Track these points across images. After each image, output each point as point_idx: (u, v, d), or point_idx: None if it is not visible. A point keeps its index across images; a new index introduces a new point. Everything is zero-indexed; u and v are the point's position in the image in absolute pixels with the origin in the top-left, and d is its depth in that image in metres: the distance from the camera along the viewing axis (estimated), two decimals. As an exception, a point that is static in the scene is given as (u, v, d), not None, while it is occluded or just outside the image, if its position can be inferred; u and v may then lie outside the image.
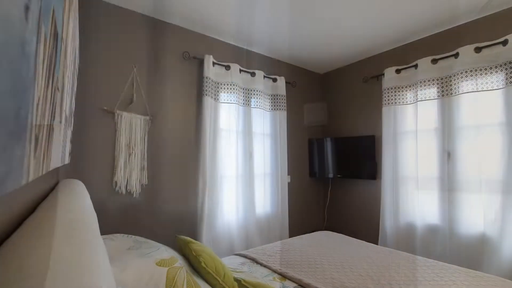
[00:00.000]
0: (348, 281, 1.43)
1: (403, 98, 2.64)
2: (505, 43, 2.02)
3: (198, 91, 2.45)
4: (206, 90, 2.37)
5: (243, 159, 2.65)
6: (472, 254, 2.15)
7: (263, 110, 2.86)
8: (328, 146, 3.23)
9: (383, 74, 2.76)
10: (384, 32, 2.49)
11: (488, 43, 2.10)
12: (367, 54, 2.98)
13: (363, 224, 3.02)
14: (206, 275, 1.15)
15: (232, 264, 1.67)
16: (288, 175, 3.11)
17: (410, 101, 2.59)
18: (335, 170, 3.15)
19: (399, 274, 1.51)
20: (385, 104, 2.72)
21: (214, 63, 2.45)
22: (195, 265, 1.19)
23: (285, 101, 3.00)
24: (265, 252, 1.86)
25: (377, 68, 2.91)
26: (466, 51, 2.19)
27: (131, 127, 2.07)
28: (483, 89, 2.13)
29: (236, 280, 0.94)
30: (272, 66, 3.07)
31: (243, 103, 2.70)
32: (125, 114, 2.06)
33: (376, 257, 1.78)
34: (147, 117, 2.16)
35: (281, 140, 2.96)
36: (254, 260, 1.75)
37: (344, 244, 2.05)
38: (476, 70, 2.16)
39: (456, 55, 2.25)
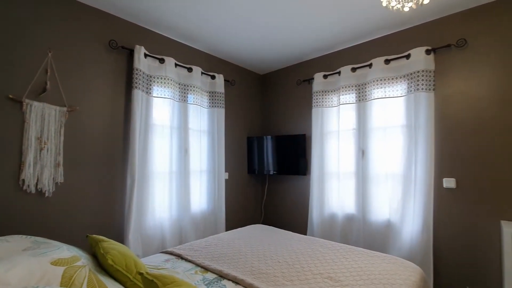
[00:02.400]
0: (266, 268, 1.53)
1: (329, 101, 2.91)
2: (408, 56, 2.38)
3: (127, 83, 2.32)
4: (137, 83, 2.25)
5: (178, 155, 2.60)
6: (381, 238, 2.49)
7: (200, 106, 2.85)
8: (267, 144, 3.37)
9: (313, 79, 3.00)
10: (313, 41, 2.70)
11: (395, 56, 2.46)
12: (300, 59, 3.20)
13: (295, 216, 3.23)
14: (115, 272, 1.10)
15: (155, 262, 1.64)
16: (226, 172, 3.15)
17: (335, 104, 2.87)
18: (272, 167, 3.31)
19: (311, 258, 1.67)
20: (314, 106, 2.96)
21: (146, 55, 2.35)
22: (103, 263, 1.13)
23: (223, 98, 3.03)
24: (192, 248, 1.87)
25: (309, 72, 3.15)
26: (378, 62, 2.53)
27: (43, 119, 1.86)
28: (390, 96, 2.48)
29: (139, 273, 0.93)
30: (211, 63, 3.07)
31: (179, 99, 2.64)
32: (36, 103, 1.83)
33: (297, 245, 1.93)
34: (64, 108, 1.96)
35: (219, 137, 2.98)
36: (179, 256, 1.74)
37: (271, 235, 2.18)
38: (385, 79, 2.50)
39: (370, 65, 2.58)
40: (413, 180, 2.29)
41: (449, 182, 2.19)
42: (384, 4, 1.24)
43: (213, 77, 2.97)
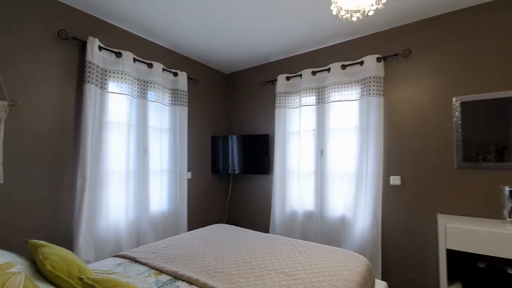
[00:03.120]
0: (223, 267, 1.54)
1: (291, 103, 3.01)
2: (362, 63, 2.55)
3: (79, 77, 2.17)
4: (89, 77, 2.12)
5: (136, 154, 2.49)
6: (336, 233, 2.64)
7: (161, 104, 2.76)
8: (232, 144, 3.37)
9: (276, 80, 3.07)
10: (277, 44, 2.77)
11: (350, 62, 2.62)
12: (265, 60, 3.26)
13: (259, 215, 3.29)
14: (55, 278, 1.03)
15: (106, 266, 1.56)
16: (188, 171, 3.10)
17: (296, 106, 2.97)
18: (237, 166, 3.32)
19: (269, 255, 1.72)
20: (277, 106, 3.04)
21: (101, 48, 2.22)
22: (41, 270, 1.05)
23: (186, 96, 2.98)
24: (148, 250, 1.81)
25: (272, 73, 3.22)
26: (335, 67, 2.67)
27: (-24, 113, 1.67)
28: (346, 99, 2.64)
29: (79, 278, 0.89)
30: (174, 60, 2.99)
31: (138, 95, 2.53)
32: (-34, 96, 1.64)
33: (256, 243, 1.97)
34: (4, 103, 1.77)
35: (181, 136, 2.92)
36: (133, 259, 1.68)
37: (232, 234, 2.19)
38: (341, 84, 2.65)
39: (329, 70, 2.71)
40: (365, 177, 2.47)
41: (395, 180, 2.39)
42: (334, 13, 1.32)
43: (175, 74, 2.89)
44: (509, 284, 1.68)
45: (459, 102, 2.12)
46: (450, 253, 2.04)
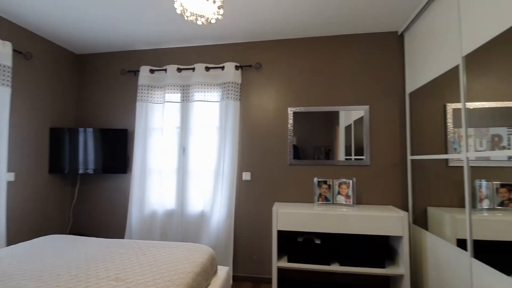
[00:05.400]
0: (37, 286, 1.27)
1: (155, 97, 2.87)
2: (223, 68, 2.73)
3: None
4: None
5: None
6: (195, 229, 2.71)
7: (-41, 79, 2.00)
8: (83, 138, 2.85)
9: (139, 71, 2.85)
10: (139, 32, 2.56)
11: (213, 65, 2.76)
12: (125, 47, 2.96)
13: (113, 219, 2.94)
14: None
15: None
16: (10, 171, 2.39)
17: (160, 101, 2.86)
18: (88, 164, 2.84)
19: (105, 262, 1.56)
20: (139, 100, 2.82)
21: None
22: None
23: (10, 74, 2.29)
24: None
25: (135, 63, 2.97)
26: (200, 68, 2.75)
27: None
28: (208, 100, 2.76)
29: None
30: (-12, 23, 2.24)
31: None
32: None
33: (94, 251, 1.74)
34: None
35: (1, 127, 2.22)
36: None
37: (64, 246, 1.85)
38: (205, 84, 2.76)
39: (194, 69, 2.77)
40: (221, 174, 2.67)
41: (246, 175, 2.71)
42: (178, 11, 1.35)
43: (-11, 43, 2.17)
44: (317, 250, 2.23)
45: (292, 112, 2.64)
46: (281, 233, 2.51)
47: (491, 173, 1.59)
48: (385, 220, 2.09)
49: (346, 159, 2.56)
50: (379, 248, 2.16)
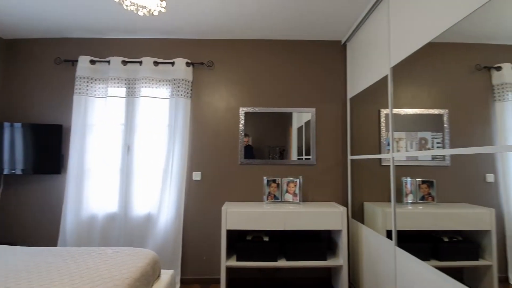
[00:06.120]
0: None
1: (95, 91, 2.63)
2: (173, 64, 2.63)
3: None
4: None
5: None
6: (141, 232, 2.56)
7: None
8: (8, 134, 2.48)
9: (77, 61, 2.59)
10: (77, 17, 2.32)
11: (163, 60, 2.64)
12: (62, 34, 2.66)
13: (45, 226, 2.62)
14: None
15: None
16: None
17: (102, 95, 2.64)
18: (14, 164, 2.48)
19: (29, 273, 1.38)
20: (77, 93, 2.56)
21: None
22: None
23: None
24: None
25: (73, 52, 2.70)
26: (148, 62, 2.61)
27: None
28: (157, 96, 2.63)
29: None
30: None
31: None
32: None
33: (16, 262, 1.53)
34: None
35: None
36: None
37: (-25, 257, 1.59)
38: (153, 80, 2.62)
39: (141, 63, 2.61)
40: (170, 174, 2.57)
41: (197, 175, 2.65)
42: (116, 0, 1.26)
43: None
44: (265, 247, 2.28)
45: (244, 112, 2.67)
46: (231, 232, 2.52)
47: (418, 172, 1.81)
48: (326, 216, 2.23)
49: (298, 158, 2.68)
50: (322, 242, 2.30)
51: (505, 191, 1.21)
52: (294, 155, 2.68)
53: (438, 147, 1.62)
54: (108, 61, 2.61)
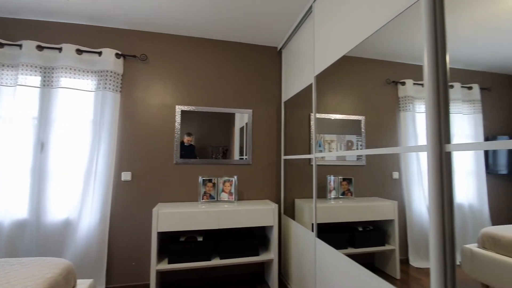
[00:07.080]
0: None
1: (1, 78, 2.25)
2: (100, 54, 2.41)
3: None
4: None
5: None
6: (57, 239, 2.28)
7: None
8: None
9: (-26, 41, 2.18)
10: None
11: (88, 49, 2.40)
12: (-47, 6, 2.20)
13: None
14: None
15: None
16: None
17: (10, 84, 2.27)
18: None
19: None
20: (-27, 78, 2.15)
21: None
22: None
23: None
24: None
25: (-32, 30, 2.25)
26: (69, 49, 2.34)
27: None
28: (79, 88, 2.38)
29: None
30: None
31: None
32: None
33: None
34: None
35: None
36: None
37: None
38: (76, 70, 2.36)
39: (60, 50, 2.33)
40: (94, 174, 2.34)
41: (126, 175, 2.48)
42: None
43: None
44: (198, 248, 2.25)
45: (180, 110, 2.60)
46: (164, 234, 2.43)
47: (341, 170, 2.02)
48: (259, 213, 2.33)
49: (240, 158, 2.72)
50: (255, 239, 2.39)
51: (406, 186, 1.45)
52: (236, 155, 2.72)
53: (361, 149, 1.86)
54: (20, 45, 2.26)
